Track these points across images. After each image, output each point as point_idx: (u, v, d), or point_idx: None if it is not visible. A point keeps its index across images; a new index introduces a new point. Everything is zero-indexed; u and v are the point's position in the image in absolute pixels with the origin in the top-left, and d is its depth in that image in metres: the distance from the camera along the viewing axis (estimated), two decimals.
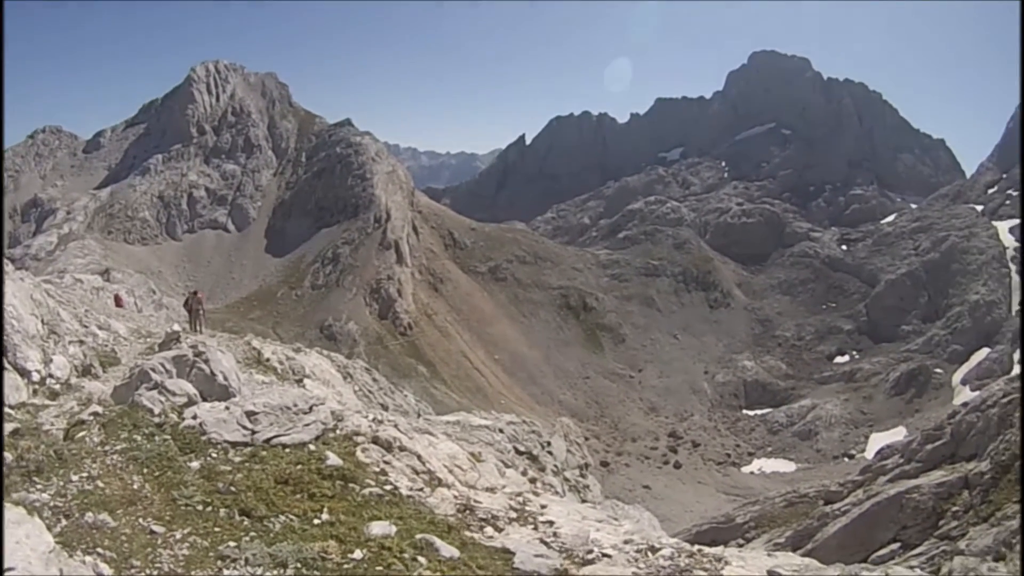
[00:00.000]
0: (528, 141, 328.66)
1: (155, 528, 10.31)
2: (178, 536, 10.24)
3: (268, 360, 31.59)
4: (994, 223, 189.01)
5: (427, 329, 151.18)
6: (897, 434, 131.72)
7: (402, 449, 15.78)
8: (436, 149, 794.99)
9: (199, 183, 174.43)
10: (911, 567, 36.83)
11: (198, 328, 38.40)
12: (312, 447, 14.14)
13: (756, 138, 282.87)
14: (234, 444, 13.74)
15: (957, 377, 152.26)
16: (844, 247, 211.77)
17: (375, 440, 15.58)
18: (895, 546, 44.42)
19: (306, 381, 31.55)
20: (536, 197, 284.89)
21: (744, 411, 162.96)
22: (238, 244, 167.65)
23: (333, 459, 13.58)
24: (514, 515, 14.43)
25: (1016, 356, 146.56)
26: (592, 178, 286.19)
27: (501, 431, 34.24)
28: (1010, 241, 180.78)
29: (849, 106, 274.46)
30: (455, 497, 14.53)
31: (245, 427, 14.34)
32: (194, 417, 14.40)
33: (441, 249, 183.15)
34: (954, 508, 43.47)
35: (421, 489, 14.23)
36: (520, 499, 15.87)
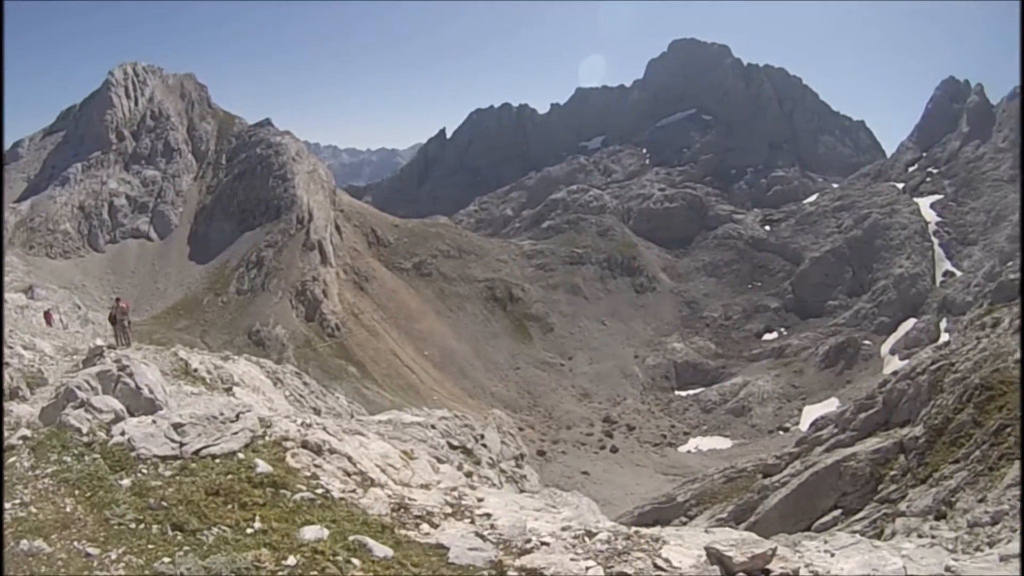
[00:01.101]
0: (449, 134, 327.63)
1: (90, 550, 10.20)
2: (113, 556, 10.14)
3: (196, 370, 31.25)
4: (915, 199, 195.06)
5: (355, 329, 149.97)
6: (830, 405, 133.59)
7: (332, 452, 15.65)
8: (356, 146, 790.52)
9: (119, 191, 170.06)
10: (854, 532, 36.94)
11: (124, 341, 37.00)
12: (241, 455, 14.00)
13: (677, 124, 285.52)
14: (163, 458, 13.54)
15: (885, 347, 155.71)
16: (767, 227, 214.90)
17: (304, 444, 15.44)
18: (837, 512, 44.85)
19: (236, 389, 31.17)
20: (458, 190, 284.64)
21: (676, 392, 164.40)
22: (161, 252, 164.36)
23: (263, 466, 13.49)
24: (450, 510, 14.41)
25: (943, 324, 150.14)
26: (514, 169, 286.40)
27: (433, 427, 34.22)
28: (931, 216, 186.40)
29: (769, 90, 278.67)
30: (389, 496, 14.47)
31: (173, 440, 14.13)
32: (122, 433, 14.17)
33: (365, 247, 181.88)
34: (891, 472, 44.03)
35: (353, 491, 14.12)
36: (456, 494, 15.85)
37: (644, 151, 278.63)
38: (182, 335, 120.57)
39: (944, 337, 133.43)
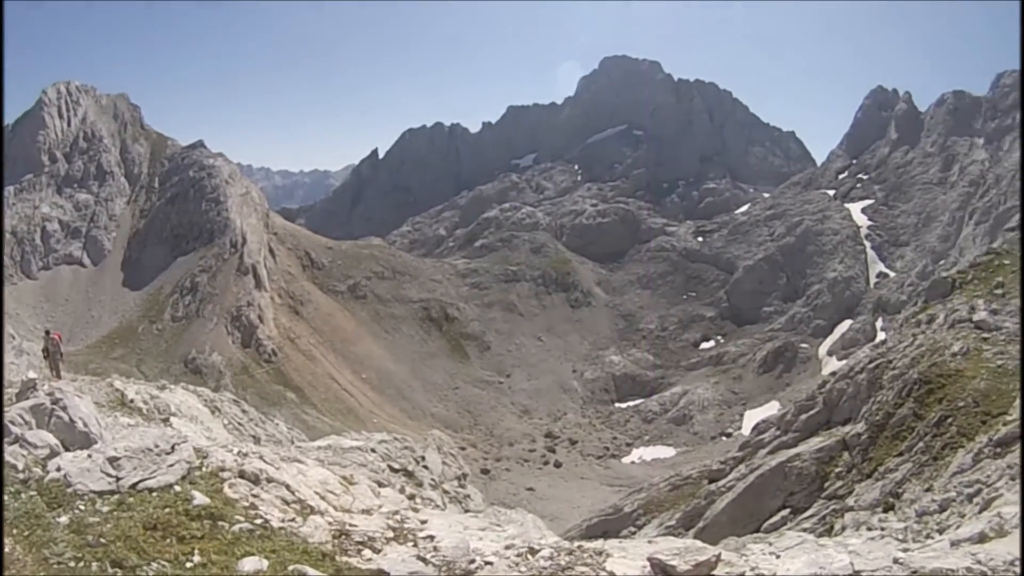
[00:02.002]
0: (381, 155, 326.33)
1: None
2: None
3: (132, 401, 30.96)
4: (846, 205, 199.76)
5: (291, 354, 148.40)
6: (770, 409, 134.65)
7: (270, 480, 15.58)
8: (289, 168, 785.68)
9: (52, 215, 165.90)
10: (804, 529, 37.30)
11: (56, 373, 36.02)
12: (178, 488, 13.81)
13: (608, 140, 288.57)
14: (100, 493, 13.25)
15: (823, 349, 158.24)
16: (700, 239, 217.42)
17: (242, 474, 15.35)
18: (785, 512, 45.09)
19: (173, 420, 30.92)
20: (391, 211, 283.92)
21: (617, 404, 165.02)
22: (95, 279, 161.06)
23: (200, 498, 13.34)
24: (392, 534, 14.43)
25: (879, 324, 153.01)
26: (446, 189, 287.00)
27: (373, 451, 34.21)
28: (863, 220, 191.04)
29: (700, 105, 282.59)
30: (329, 523, 14.41)
31: (109, 474, 13.87)
32: (58, 469, 13.86)
33: (299, 271, 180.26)
34: (837, 469, 44.48)
35: (293, 519, 14.03)
36: (398, 517, 15.94)
37: (576, 167, 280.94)
38: (118, 364, 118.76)
39: (880, 336, 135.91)
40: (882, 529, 28.90)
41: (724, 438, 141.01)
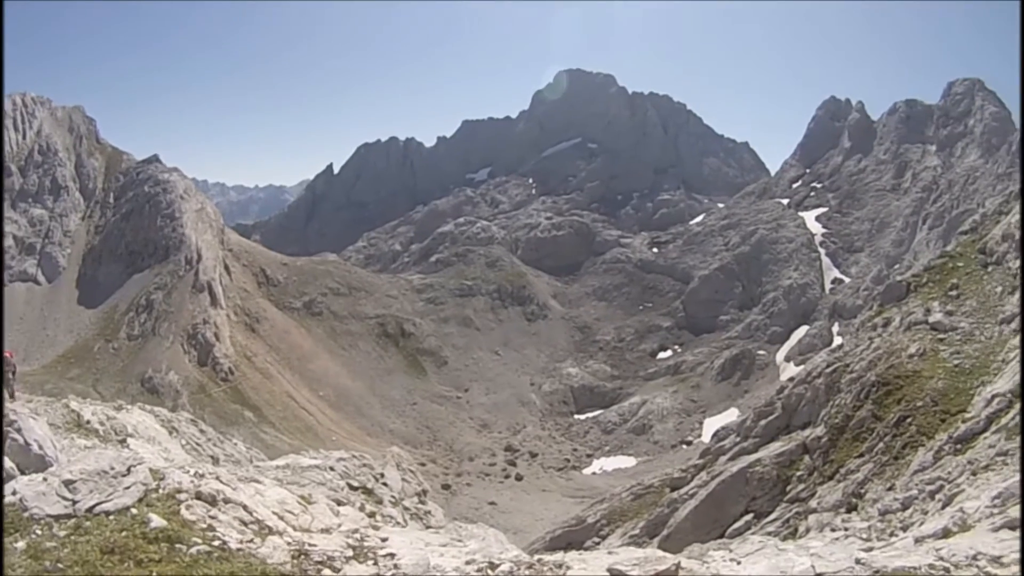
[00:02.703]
0: (336, 170, 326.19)
1: None
2: None
3: (89, 422, 30.62)
4: (800, 214, 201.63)
5: (248, 372, 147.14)
6: (730, 416, 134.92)
7: (227, 501, 15.31)
8: (244, 183, 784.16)
9: (7, 231, 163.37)
10: (768, 533, 37.48)
11: (11, 393, 35.28)
12: (135, 511, 13.59)
13: (562, 153, 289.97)
14: (57, 518, 13.02)
15: (780, 355, 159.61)
16: (655, 250, 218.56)
17: (198, 495, 15.06)
18: (748, 517, 45.23)
19: (130, 441, 30.52)
20: (346, 226, 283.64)
21: (576, 416, 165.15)
22: (50, 297, 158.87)
23: (157, 521, 13.14)
24: (351, 553, 14.26)
25: (835, 329, 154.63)
26: (401, 204, 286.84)
27: (332, 469, 33.92)
28: (817, 228, 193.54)
29: (654, 117, 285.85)
30: (288, 544, 14.22)
31: (65, 498, 13.60)
32: (14, 493, 13.58)
33: (254, 287, 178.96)
34: (798, 473, 44.70)
35: (251, 540, 13.81)
36: (358, 536, 15.71)
37: (530, 181, 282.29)
38: (74, 384, 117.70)
39: (837, 340, 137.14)
40: (846, 529, 29.08)
41: (684, 446, 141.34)
